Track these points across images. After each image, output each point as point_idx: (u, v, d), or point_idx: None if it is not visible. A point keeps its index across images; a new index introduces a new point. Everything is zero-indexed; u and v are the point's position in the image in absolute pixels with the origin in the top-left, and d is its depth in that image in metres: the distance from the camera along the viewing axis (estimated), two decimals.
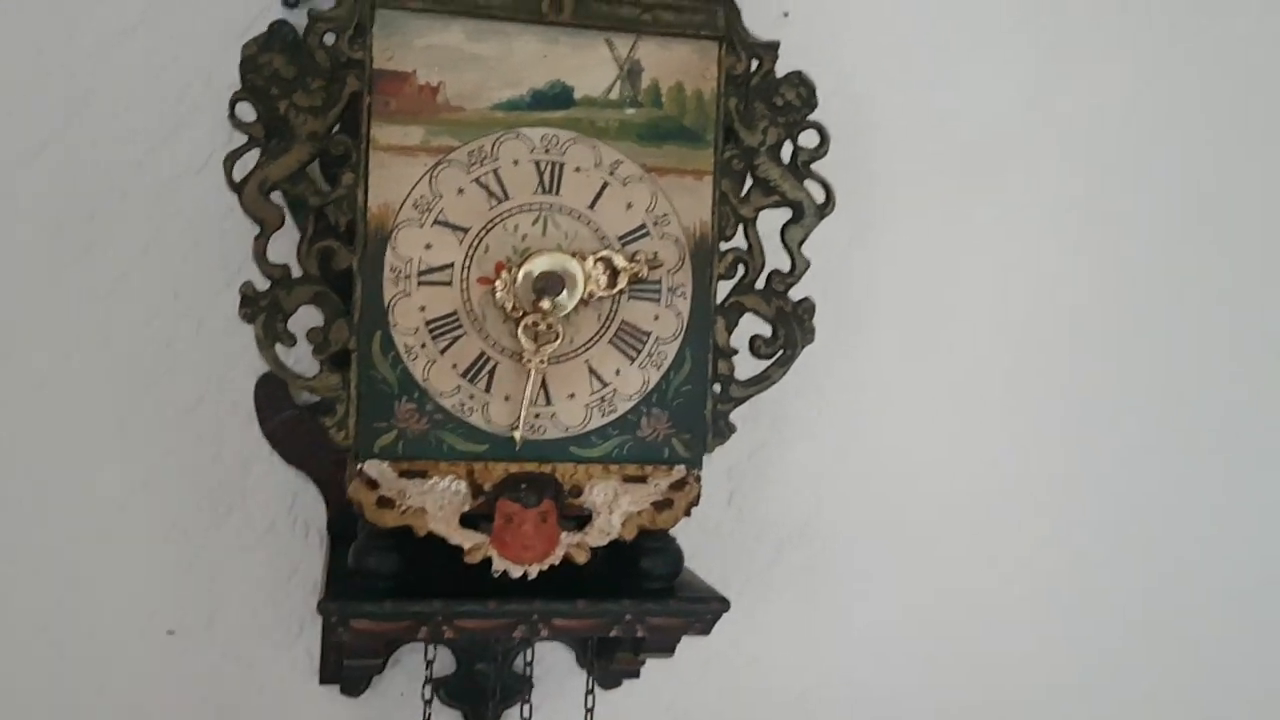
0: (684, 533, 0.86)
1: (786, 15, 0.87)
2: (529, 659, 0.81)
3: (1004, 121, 0.93)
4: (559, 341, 0.63)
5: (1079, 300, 0.95)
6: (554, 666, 0.85)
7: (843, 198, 0.88)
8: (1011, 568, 0.94)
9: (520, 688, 0.80)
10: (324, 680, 0.81)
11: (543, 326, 0.63)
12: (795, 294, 0.70)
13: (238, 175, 0.60)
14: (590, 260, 0.64)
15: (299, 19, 0.75)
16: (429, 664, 0.76)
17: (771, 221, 0.70)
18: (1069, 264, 0.95)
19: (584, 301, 0.64)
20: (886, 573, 0.92)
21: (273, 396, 0.78)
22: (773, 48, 0.67)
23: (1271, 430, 1.00)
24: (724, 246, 0.68)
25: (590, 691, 0.79)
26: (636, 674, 0.83)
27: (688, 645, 0.83)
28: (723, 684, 0.89)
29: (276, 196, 0.61)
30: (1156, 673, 0.98)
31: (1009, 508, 0.94)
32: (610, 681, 0.84)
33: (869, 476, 0.91)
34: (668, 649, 0.73)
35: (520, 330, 0.63)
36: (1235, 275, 0.99)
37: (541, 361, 0.63)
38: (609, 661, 0.79)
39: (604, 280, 0.64)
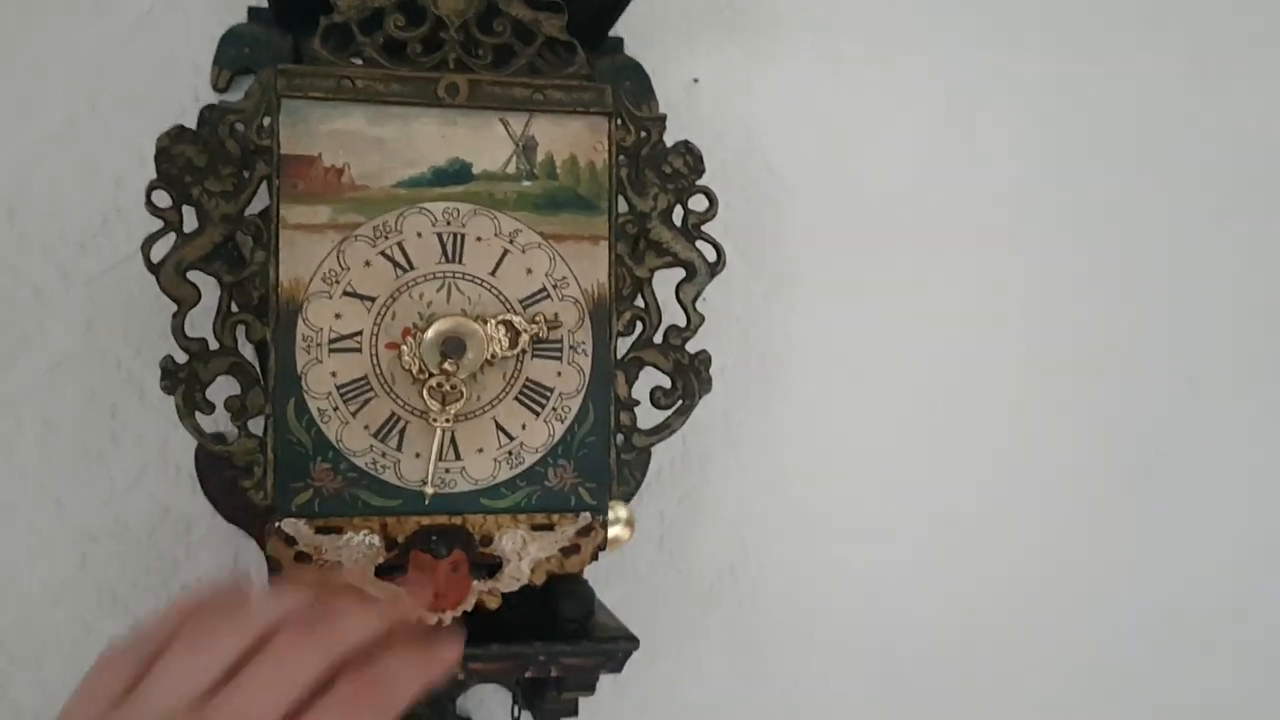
0: (617, 576, 0.90)
1: (696, 81, 0.92)
2: (461, 702, 0.84)
3: (917, 175, 0.98)
4: (464, 400, 0.67)
5: (995, 344, 0.99)
6: (495, 710, 0.89)
7: (757, 252, 0.93)
8: (941, 613, 0.98)
9: None
10: None
11: (448, 387, 0.67)
12: (692, 347, 0.74)
13: (156, 257, 0.65)
14: (492, 323, 0.68)
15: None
16: None
17: (668, 279, 0.74)
18: (985, 311, 0.99)
19: (488, 362, 0.69)
20: (818, 618, 0.95)
21: (212, 459, 0.82)
22: (659, 120, 0.72)
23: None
24: (622, 306, 0.72)
25: None
26: (574, 713, 0.86)
27: (620, 687, 0.87)
28: None
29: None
30: None
31: (930, 547, 0.97)
32: None
33: (793, 520, 0.95)
34: (588, 687, 0.77)
35: (425, 391, 0.67)
36: (1148, 337, 1.03)
37: (448, 420, 0.67)
38: (543, 701, 0.82)
39: (505, 341, 0.69)
